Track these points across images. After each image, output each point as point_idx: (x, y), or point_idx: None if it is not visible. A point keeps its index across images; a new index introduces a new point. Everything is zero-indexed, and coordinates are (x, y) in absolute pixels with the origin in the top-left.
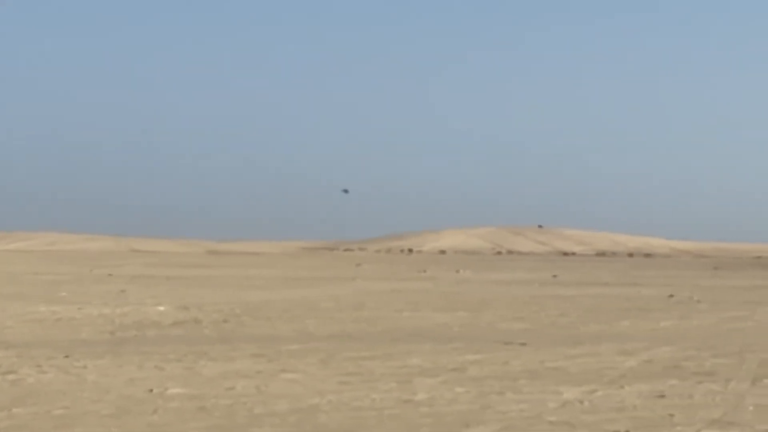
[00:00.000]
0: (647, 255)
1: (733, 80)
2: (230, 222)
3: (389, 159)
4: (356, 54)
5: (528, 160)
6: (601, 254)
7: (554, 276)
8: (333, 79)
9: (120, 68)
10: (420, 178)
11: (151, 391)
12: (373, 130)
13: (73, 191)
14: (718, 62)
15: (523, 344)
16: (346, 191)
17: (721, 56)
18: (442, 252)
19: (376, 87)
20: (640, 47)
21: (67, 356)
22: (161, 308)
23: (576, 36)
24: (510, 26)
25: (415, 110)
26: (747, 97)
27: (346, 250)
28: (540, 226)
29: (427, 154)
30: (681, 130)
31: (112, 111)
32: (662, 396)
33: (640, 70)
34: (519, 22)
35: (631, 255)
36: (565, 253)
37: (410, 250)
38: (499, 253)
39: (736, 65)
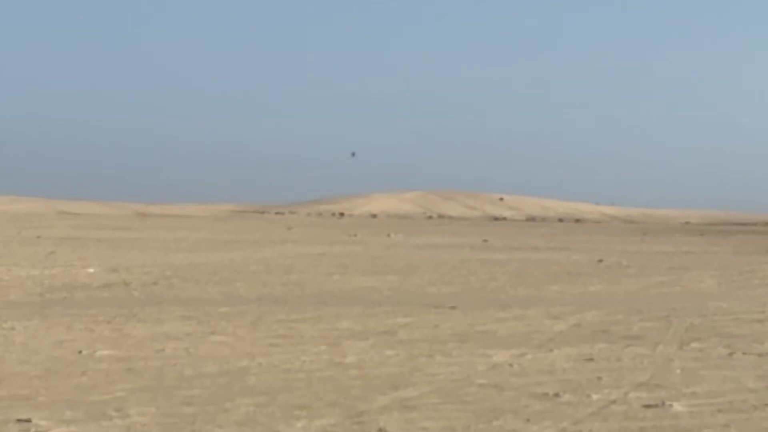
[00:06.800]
0: (577, 220)
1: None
2: (159, 184)
3: (321, 122)
4: (290, 16)
5: (458, 125)
6: (531, 219)
7: (484, 240)
8: (265, 40)
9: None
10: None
11: (80, 352)
12: (302, 93)
13: None
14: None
15: (453, 308)
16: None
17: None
18: (373, 216)
19: (307, 52)
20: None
21: None
22: (90, 270)
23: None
24: None
25: (345, 75)
26: (669, 63)
27: (276, 213)
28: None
29: (358, 118)
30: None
31: (36, 73)
32: (590, 359)
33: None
34: None
35: (561, 220)
36: (496, 218)
37: (341, 214)
38: (430, 217)
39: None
